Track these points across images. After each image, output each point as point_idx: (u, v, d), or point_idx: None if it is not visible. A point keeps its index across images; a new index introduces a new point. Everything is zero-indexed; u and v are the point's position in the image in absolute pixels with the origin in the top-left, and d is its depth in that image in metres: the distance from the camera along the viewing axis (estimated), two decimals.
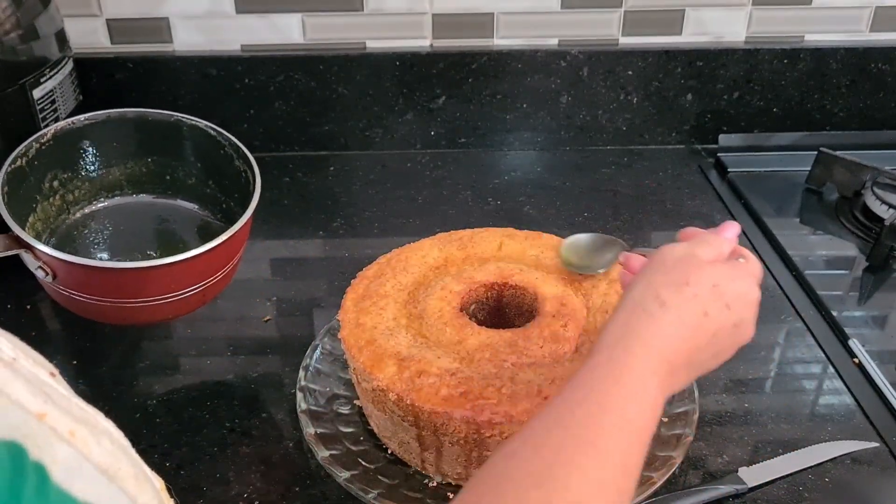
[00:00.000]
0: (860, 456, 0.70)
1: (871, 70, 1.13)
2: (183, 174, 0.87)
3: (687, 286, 0.54)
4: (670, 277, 0.55)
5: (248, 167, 0.80)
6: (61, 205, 0.83)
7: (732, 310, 0.55)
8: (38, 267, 0.69)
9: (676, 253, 0.57)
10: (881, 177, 1.00)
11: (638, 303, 0.54)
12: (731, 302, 0.55)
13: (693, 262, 0.56)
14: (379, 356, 0.65)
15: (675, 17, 1.11)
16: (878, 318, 0.87)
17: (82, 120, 0.82)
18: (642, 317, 0.53)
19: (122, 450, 0.37)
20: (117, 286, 0.71)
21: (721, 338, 0.55)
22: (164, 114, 0.84)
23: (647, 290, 0.54)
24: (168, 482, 0.67)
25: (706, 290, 0.54)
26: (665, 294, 0.53)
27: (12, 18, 0.83)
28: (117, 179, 0.86)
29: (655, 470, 0.66)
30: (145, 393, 0.78)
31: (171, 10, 1.06)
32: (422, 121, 1.14)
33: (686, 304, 0.53)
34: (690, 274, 0.55)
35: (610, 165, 1.13)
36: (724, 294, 0.54)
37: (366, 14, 1.07)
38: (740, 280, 0.56)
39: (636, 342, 0.51)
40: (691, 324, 0.53)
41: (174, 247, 0.84)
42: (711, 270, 0.55)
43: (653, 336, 0.52)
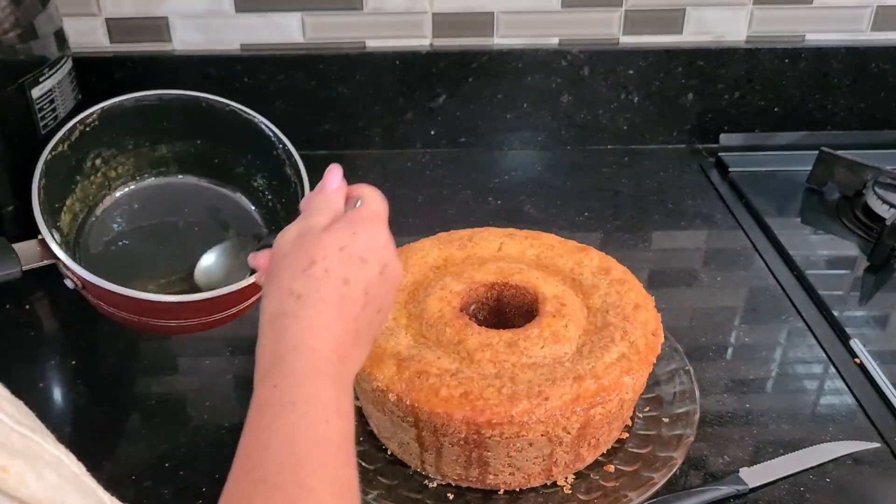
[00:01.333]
0: (861, 456, 0.70)
1: (873, 70, 1.13)
2: (231, 161, 0.82)
3: (314, 266, 0.51)
4: (295, 266, 0.51)
5: (299, 179, 0.76)
6: (102, 181, 0.79)
7: (370, 262, 0.52)
8: (67, 277, 0.67)
9: (291, 236, 0.53)
10: (882, 176, 1.00)
11: (276, 310, 0.50)
12: (365, 254, 0.52)
13: (310, 238, 0.52)
14: (379, 356, 0.64)
15: (676, 16, 1.10)
16: (880, 317, 0.87)
17: (130, 99, 0.77)
18: (286, 322, 0.49)
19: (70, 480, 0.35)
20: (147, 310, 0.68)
21: (374, 293, 0.52)
22: (220, 101, 0.80)
23: (280, 292, 0.51)
24: (167, 482, 0.68)
25: (335, 259, 0.51)
26: (297, 286, 0.50)
27: (11, 17, 0.83)
28: (164, 156, 0.81)
29: (656, 471, 0.66)
30: (144, 393, 0.78)
31: (170, 9, 1.06)
32: (422, 120, 1.13)
33: (322, 284, 0.50)
34: (312, 251, 0.51)
35: (611, 165, 1.13)
36: (353, 252, 0.51)
37: (366, 13, 1.07)
38: (363, 230, 0.53)
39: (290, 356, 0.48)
40: (336, 301, 0.50)
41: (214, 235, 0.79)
42: (331, 236, 0.52)
43: (300, 336, 0.49)
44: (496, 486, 0.66)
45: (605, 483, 0.66)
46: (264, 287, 0.53)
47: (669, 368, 0.75)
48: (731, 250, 0.97)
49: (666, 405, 0.72)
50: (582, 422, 0.62)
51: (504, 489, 0.66)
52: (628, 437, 0.70)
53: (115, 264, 0.75)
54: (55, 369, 0.81)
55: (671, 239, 1.00)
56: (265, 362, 0.49)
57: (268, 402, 0.47)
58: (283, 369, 0.47)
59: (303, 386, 0.47)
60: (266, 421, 0.46)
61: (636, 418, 0.72)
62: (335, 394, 0.48)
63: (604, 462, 0.68)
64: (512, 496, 0.66)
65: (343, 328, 0.50)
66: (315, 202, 0.56)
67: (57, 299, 0.88)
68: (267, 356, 0.49)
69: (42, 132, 0.89)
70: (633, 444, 0.70)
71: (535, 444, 0.62)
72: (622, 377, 0.63)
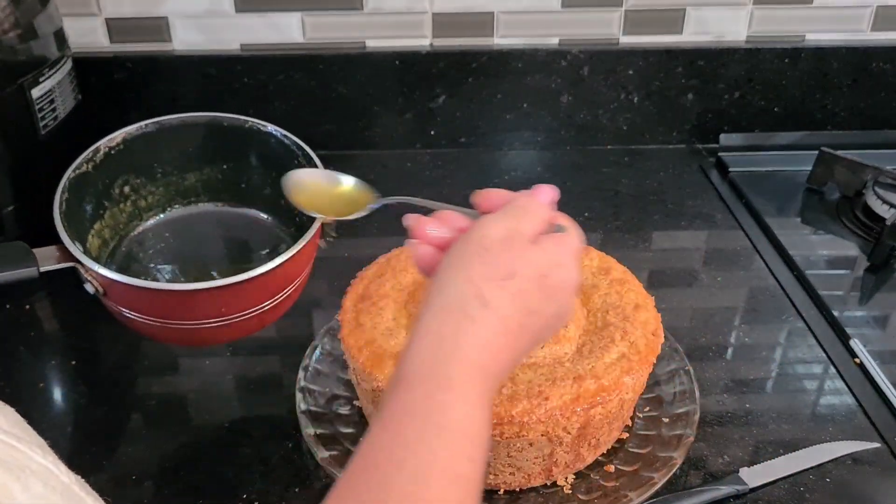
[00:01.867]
0: (861, 456, 0.70)
1: (873, 69, 1.13)
2: (259, 182, 0.82)
3: (512, 280, 0.46)
4: (493, 268, 0.47)
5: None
6: (133, 211, 0.80)
7: (553, 300, 0.49)
8: (87, 281, 0.66)
9: (498, 231, 0.49)
10: (882, 176, 1.00)
11: (455, 304, 0.46)
12: (555, 293, 0.49)
13: (517, 245, 0.48)
14: (379, 356, 0.64)
15: (676, 16, 1.10)
16: (880, 317, 0.87)
17: (154, 124, 0.78)
18: (462, 323, 0.45)
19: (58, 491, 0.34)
20: (167, 307, 0.67)
21: (543, 333, 0.49)
22: (238, 119, 0.80)
23: (467, 287, 0.46)
24: (167, 483, 0.68)
25: (533, 282, 0.47)
26: (489, 291, 0.46)
27: (11, 18, 0.83)
28: (192, 185, 0.82)
29: (656, 471, 0.66)
30: (144, 393, 0.78)
31: (170, 9, 1.05)
32: (422, 120, 1.13)
33: (511, 302, 0.46)
34: (516, 262, 0.47)
35: (611, 165, 1.13)
36: (549, 285, 0.48)
37: (366, 13, 1.07)
38: (565, 265, 0.50)
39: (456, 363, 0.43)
40: (515, 326, 0.46)
41: (245, 261, 0.79)
42: (537, 256, 0.48)
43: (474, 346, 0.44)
44: (496, 486, 0.66)
45: (606, 483, 0.66)
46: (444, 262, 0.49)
47: (669, 368, 0.75)
48: (731, 250, 0.97)
49: (666, 405, 0.72)
50: (582, 422, 0.62)
51: (504, 489, 0.66)
52: (628, 437, 0.70)
53: None
54: (56, 369, 0.81)
55: (671, 239, 1.00)
56: (426, 357, 0.44)
57: (416, 412, 0.42)
58: (445, 379, 0.43)
59: (459, 409, 0.42)
60: (408, 435, 0.42)
61: (636, 418, 0.72)
62: (487, 427, 0.44)
63: (604, 462, 0.68)
64: (512, 496, 0.66)
65: (508, 357, 0.46)
66: (524, 205, 0.52)
67: (58, 300, 0.88)
68: (430, 350, 0.44)
69: (42, 133, 0.89)
70: (633, 444, 0.70)
71: (536, 444, 0.62)
72: (622, 377, 0.63)
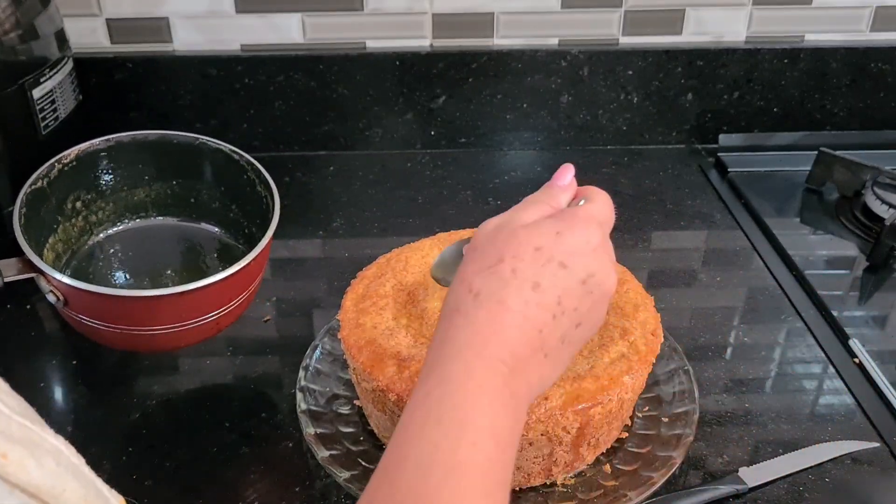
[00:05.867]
0: (860, 456, 0.70)
1: (872, 70, 1.13)
2: (207, 197, 0.84)
3: (501, 263, 0.45)
4: (481, 261, 0.46)
5: (269, 193, 0.77)
6: (84, 226, 0.81)
7: (571, 266, 0.46)
8: (49, 291, 0.68)
9: (488, 227, 0.49)
10: (881, 176, 1.00)
11: (452, 306, 0.46)
12: (566, 258, 0.46)
13: (505, 232, 0.47)
14: (379, 356, 0.65)
15: (676, 16, 1.11)
16: (879, 317, 0.87)
17: (105, 141, 0.80)
18: (458, 321, 0.45)
19: (70, 470, 0.35)
20: (128, 314, 0.69)
21: (572, 305, 0.46)
22: (188, 136, 0.82)
23: (461, 286, 0.46)
24: (167, 482, 0.68)
25: (527, 257, 0.46)
26: (478, 283, 0.45)
27: (12, 18, 0.83)
28: (142, 201, 0.84)
29: (655, 470, 0.66)
30: (144, 393, 0.78)
31: (170, 9, 1.06)
32: (422, 121, 1.13)
33: (505, 284, 0.45)
34: (502, 246, 0.46)
35: (610, 165, 1.13)
36: (551, 254, 0.46)
37: (366, 14, 1.07)
38: (571, 231, 0.47)
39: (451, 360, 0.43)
40: (519, 306, 0.44)
41: (196, 272, 0.82)
42: (529, 233, 0.47)
43: (469, 340, 0.44)
44: None
45: (605, 482, 0.66)
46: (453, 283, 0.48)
47: (669, 368, 0.75)
48: (731, 250, 0.97)
49: (665, 405, 0.72)
50: (581, 421, 0.62)
51: None
52: (628, 437, 0.70)
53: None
54: (56, 369, 0.81)
55: (670, 239, 1.00)
56: (429, 361, 0.44)
57: (417, 409, 0.42)
58: (440, 374, 0.43)
59: (454, 399, 0.42)
60: (410, 432, 0.41)
61: (636, 418, 0.72)
62: (492, 412, 0.42)
63: (603, 461, 0.68)
64: (512, 495, 0.66)
65: (521, 337, 0.44)
66: (534, 196, 0.51)
67: None
68: (432, 355, 0.45)
69: (43, 133, 0.89)
70: (633, 444, 0.70)
71: (535, 444, 0.62)
72: (622, 377, 0.63)
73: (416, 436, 0.41)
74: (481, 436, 0.41)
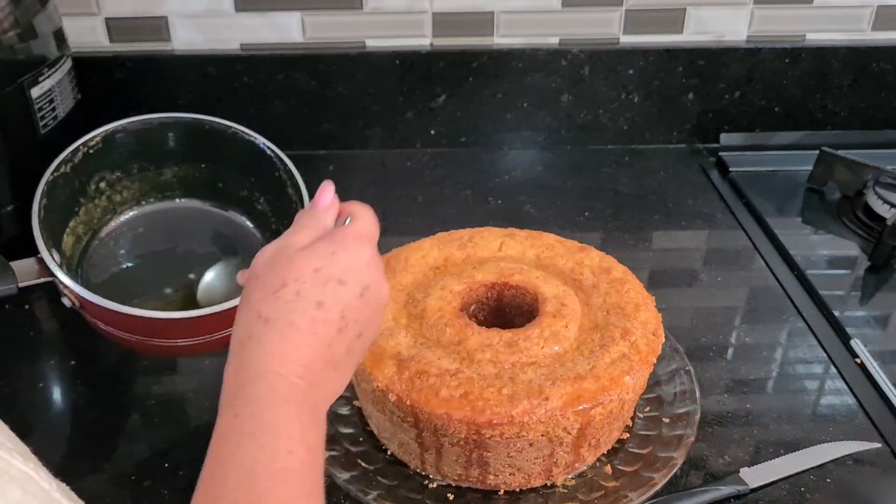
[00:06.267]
0: (862, 456, 0.70)
1: (873, 69, 1.13)
2: (236, 185, 0.83)
3: (285, 288, 0.48)
4: (265, 288, 0.49)
5: (300, 198, 0.76)
6: (107, 205, 0.80)
7: (348, 283, 0.49)
8: (64, 295, 0.67)
9: (266, 256, 0.51)
10: (883, 176, 1.00)
11: (243, 334, 0.48)
12: (343, 276, 0.49)
13: (283, 258, 0.50)
14: (379, 357, 0.64)
15: (677, 15, 1.10)
16: (880, 317, 0.87)
17: (134, 122, 0.78)
18: (251, 347, 0.47)
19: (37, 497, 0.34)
20: (144, 327, 0.68)
21: (354, 317, 0.49)
22: (222, 123, 0.80)
23: (249, 315, 0.48)
24: (166, 482, 0.67)
25: (308, 280, 0.48)
26: (266, 309, 0.48)
27: (10, 17, 0.83)
28: (168, 181, 0.82)
29: (657, 471, 0.66)
30: (144, 393, 0.77)
31: (170, 8, 1.05)
32: (422, 120, 1.13)
33: (292, 307, 0.47)
34: (284, 271, 0.49)
35: (611, 165, 1.13)
36: (330, 274, 0.49)
37: (366, 13, 1.07)
38: (344, 249, 0.50)
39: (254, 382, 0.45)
40: (307, 325, 0.47)
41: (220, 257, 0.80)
42: (307, 256, 0.49)
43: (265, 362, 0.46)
44: (496, 487, 0.66)
45: (606, 483, 0.66)
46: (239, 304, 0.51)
47: (670, 368, 0.75)
48: (732, 250, 0.97)
49: (666, 405, 0.72)
50: (582, 422, 0.62)
51: (504, 489, 0.66)
52: (629, 438, 0.70)
53: (117, 287, 0.75)
54: (55, 369, 0.81)
55: (671, 239, 1.00)
56: (229, 390, 0.46)
57: (228, 433, 0.44)
58: (246, 397, 0.45)
59: (264, 415, 0.44)
60: (226, 453, 0.44)
61: (636, 418, 0.72)
62: (300, 423, 0.45)
63: (604, 462, 0.68)
64: (512, 496, 0.66)
65: (313, 354, 0.47)
66: (302, 220, 0.53)
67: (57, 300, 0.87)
68: (231, 383, 0.47)
69: (42, 132, 0.89)
70: (634, 445, 0.69)
71: (536, 445, 0.62)
72: (622, 377, 0.63)
73: (233, 454, 0.43)
74: (294, 444, 0.44)
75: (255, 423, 0.44)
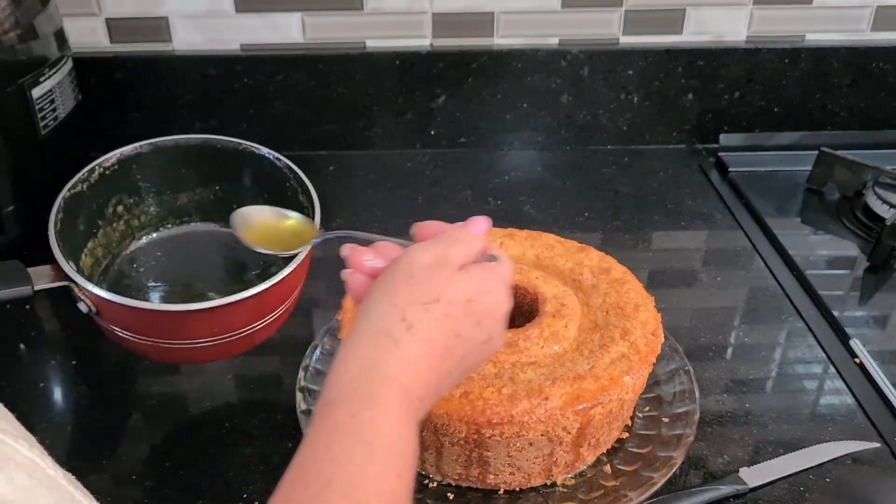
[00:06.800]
0: (861, 456, 0.70)
1: (873, 69, 1.13)
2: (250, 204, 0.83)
3: (437, 304, 0.48)
4: (418, 292, 0.48)
5: (311, 204, 0.76)
6: (125, 230, 0.81)
7: (483, 326, 0.50)
8: (80, 300, 0.67)
9: (425, 258, 0.50)
10: (882, 176, 1.00)
11: (379, 327, 0.47)
12: (483, 318, 0.50)
13: (444, 271, 0.49)
14: None
15: (676, 16, 1.11)
16: (880, 317, 0.87)
17: (148, 145, 0.80)
18: (386, 345, 0.46)
19: (44, 483, 0.35)
20: (159, 327, 0.68)
21: (470, 359, 0.50)
22: (232, 141, 0.81)
23: (392, 311, 0.47)
24: (167, 482, 0.68)
25: (459, 306, 0.48)
26: (412, 314, 0.47)
27: (11, 18, 0.83)
28: (185, 206, 0.84)
29: (656, 470, 0.66)
30: (145, 393, 0.78)
31: (170, 9, 1.06)
32: (422, 120, 1.13)
33: (437, 325, 0.47)
34: (441, 287, 0.48)
35: (610, 165, 1.13)
36: (476, 310, 0.49)
37: (366, 13, 1.07)
38: (493, 292, 0.51)
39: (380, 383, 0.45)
40: (440, 349, 0.47)
41: (237, 281, 0.81)
42: (464, 281, 0.49)
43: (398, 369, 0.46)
44: (496, 486, 0.66)
45: (606, 483, 0.66)
46: (372, 289, 0.50)
47: (669, 368, 0.75)
48: (731, 250, 0.97)
49: (666, 405, 0.72)
50: (582, 422, 0.62)
51: (504, 489, 0.66)
52: (628, 437, 0.70)
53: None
54: (56, 369, 0.81)
55: (671, 239, 1.00)
56: (350, 379, 0.45)
57: (342, 431, 0.43)
58: (368, 398, 0.44)
59: (383, 427, 0.43)
60: (335, 454, 0.42)
61: (636, 418, 0.72)
62: (414, 446, 0.45)
63: (604, 462, 0.68)
64: (512, 496, 0.66)
65: (434, 379, 0.47)
66: (456, 234, 0.53)
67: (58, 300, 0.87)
68: (352, 371, 0.46)
69: (42, 133, 0.89)
70: (633, 444, 0.70)
71: (536, 444, 0.62)
72: (622, 377, 0.63)
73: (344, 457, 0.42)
74: (406, 467, 0.44)
75: (376, 433, 0.43)
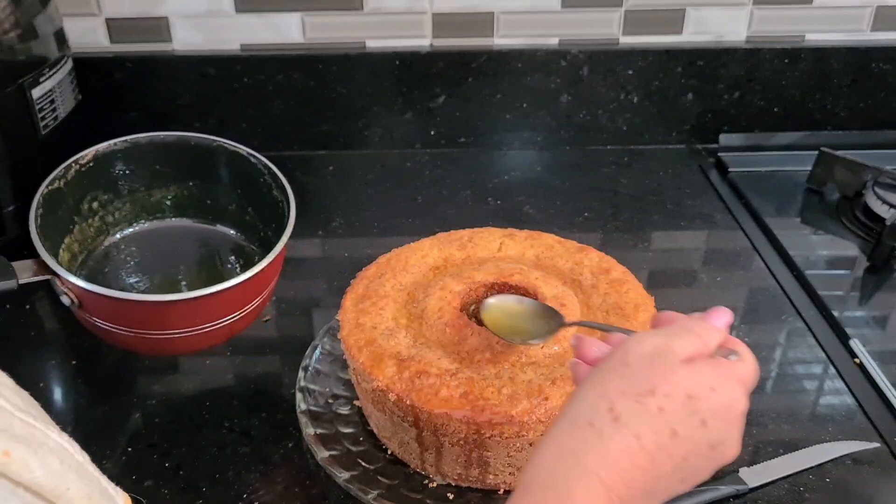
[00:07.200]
0: (861, 456, 0.70)
1: (873, 69, 1.13)
2: (224, 200, 0.84)
3: (651, 397, 0.44)
4: (631, 383, 0.44)
5: (285, 197, 0.77)
6: (100, 226, 0.82)
7: (710, 427, 0.44)
8: (63, 293, 0.68)
9: (645, 348, 0.46)
10: (882, 176, 1.00)
11: (584, 417, 0.44)
12: (709, 417, 0.44)
13: (664, 363, 0.45)
14: (379, 356, 0.64)
15: (676, 16, 1.11)
16: (879, 318, 0.87)
17: (123, 142, 0.80)
18: (588, 436, 0.43)
19: (74, 468, 0.35)
20: (141, 318, 0.69)
21: (692, 464, 0.45)
22: (206, 138, 0.82)
23: (600, 399, 0.44)
24: (167, 482, 0.68)
25: (677, 401, 0.44)
26: (621, 406, 0.43)
27: (11, 18, 0.83)
28: (159, 202, 0.84)
29: None
30: (145, 393, 0.78)
31: (170, 9, 1.06)
32: (421, 120, 1.13)
33: (647, 421, 0.43)
34: (658, 379, 0.44)
35: (610, 165, 1.13)
36: (700, 408, 0.44)
37: (365, 13, 1.07)
38: (724, 388, 0.45)
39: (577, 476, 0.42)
40: (652, 447, 0.43)
41: (212, 274, 0.82)
42: (687, 374, 0.45)
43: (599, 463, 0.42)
44: (496, 486, 0.66)
45: None
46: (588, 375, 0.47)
47: None
48: (731, 250, 0.97)
49: None
50: None
51: (504, 489, 0.66)
52: None
53: None
54: (56, 369, 0.81)
55: (671, 239, 1.00)
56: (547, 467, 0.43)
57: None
58: (562, 490, 0.42)
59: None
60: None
61: None
62: None
63: None
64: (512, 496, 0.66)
65: (641, 479, 0.43)
66: (688, 324, 0.48)
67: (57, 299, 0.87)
68: (552, 462, 0.44)
69: (42, 132, 0.89)
70: None
71: (536, 444, 0.62)
72: None
73: None
74: None
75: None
